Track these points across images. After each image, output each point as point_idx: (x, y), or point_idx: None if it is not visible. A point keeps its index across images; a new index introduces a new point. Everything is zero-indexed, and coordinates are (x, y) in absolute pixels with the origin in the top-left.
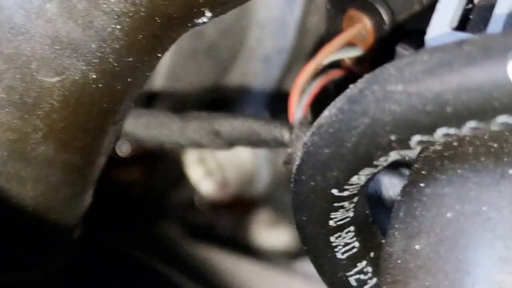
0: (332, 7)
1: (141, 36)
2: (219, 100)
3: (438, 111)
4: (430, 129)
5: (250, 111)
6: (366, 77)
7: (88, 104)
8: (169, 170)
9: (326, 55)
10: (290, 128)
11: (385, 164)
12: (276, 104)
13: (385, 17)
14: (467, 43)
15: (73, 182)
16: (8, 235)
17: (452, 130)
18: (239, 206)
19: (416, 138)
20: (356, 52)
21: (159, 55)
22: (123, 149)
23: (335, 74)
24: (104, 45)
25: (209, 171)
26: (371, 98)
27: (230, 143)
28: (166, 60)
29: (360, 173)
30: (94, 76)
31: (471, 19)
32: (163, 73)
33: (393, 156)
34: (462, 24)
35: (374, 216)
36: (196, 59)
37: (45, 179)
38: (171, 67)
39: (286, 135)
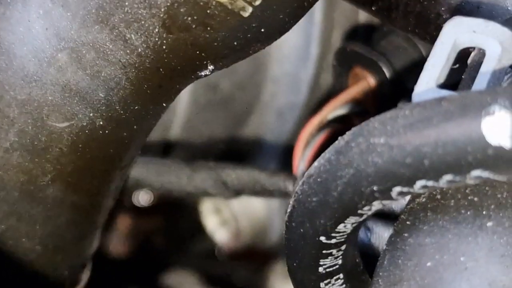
0: (338, 64)
1: (146, 86)
2: (233, 151)
3: (416, 164)
4: (410, 181)
5: (263, 163)
6: (353, 129)
7: (95, 149)
8: (189, 220)
9: (331, 110)
10: (294, 179)
11: (369, 213)
12: (288, 157)
13: (388, 75)
14: (446, 100)
15: (81, 223)
16: (17, 273)
17: (430, 183)
18: (256, 257)
19: (397, 189)
20: (359, 108)
21: (164, 104)
22: (145, 199)
23: (340, 128)
24: (111, 93)
25: (224, 220)
26: (356, 150)
27: (236, 192)
28: (182, 111)
29: (346, 221)
30: (101, 123)
31: (463, 79)
32: (179, 124)
33: (376, 205)
34: (453, 84)
35: (367, 265)
36: (212, 111)
37: (54, 219)
38: (187, 118)
39: (289, 186)
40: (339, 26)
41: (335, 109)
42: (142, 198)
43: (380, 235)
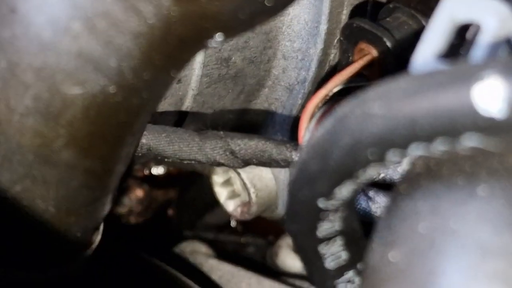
0: (345, 39)
1: (156, 55)
2: (244, 124)
3: (409, 129)
4: (403, 145)
5: (273, 135)
6: (350, 99)
7: (107, 116)
8: (202, 191)
9: (337, 84)
10: (300, 149)
11: (364, 179)
12: (297, 130)
13: (392, 49)
14: (438, 73)
15: (93, 187)
16: (31, 233)
17: (422, 146)
18: (266, 230)
19: (390, 152)
20: (364, 82)
21: (173, 74)
22: (158, 169)
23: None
24: (122, 62)
25: (234, 192)
26: (352, 119)
27: (244, 162)
28: (194, 84)
29: (341, 185)
30: (113, 90)
31: (461, 53)
32: (192, 96)
33: (371, 171)
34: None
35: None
36: (224, 84)
37: (67, 183)
38: (199, 91)
39: (295, 156)
40: (348, 3)
41: (341, 82)
42: (156, 169)
43: (381, 204)
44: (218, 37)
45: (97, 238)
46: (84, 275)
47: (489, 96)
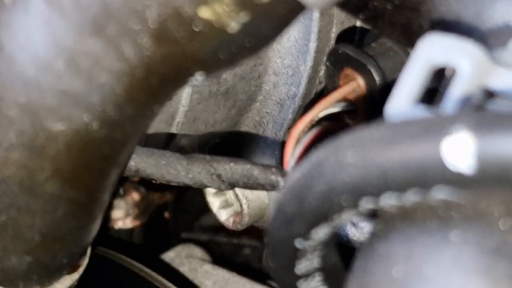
0: (331, 64)
1: (138, 92)
2: (236, 138)
3: (380, 179)
4: (375, 194)
5: (266, 150)
6: (326, 145)
7: (90, 150)
8: (197, 197)
9: (322, 109)
10: (284, 174)
11: (339, 222)
12: None
13: (376, 78)
14: (410, 123)
15: (78, 216)
16: (18, 259)
17: (395, 196)
18: (262, 233)
19: (363, 201)
20: (349, 107)
21: (155, 109)
22: None
23: (330, 126)
24: (105, 99)
25: (227, 202)
26: (327, 165)
27: (230, 185)
28: (184, 100)
29: (318, 228)
30: (96, 126)
31: (438, 95)
32: (182, 112)
33: (346, 216)
34: (430, 96)
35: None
36: (215, 100)
37: (52, 212)
38: (190, 107)
39: (280, 181)
40: (338, 22)
41: (326, 108)
42: None
43: (365, 230)
44: (199, 75)
45: (84, 261)
46: None
47: (458, 151)
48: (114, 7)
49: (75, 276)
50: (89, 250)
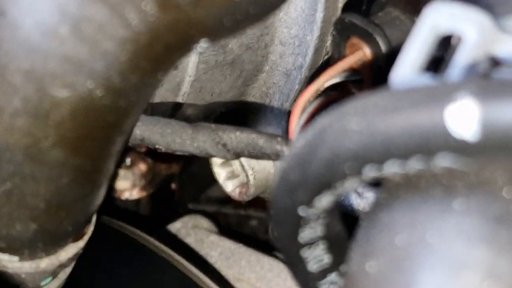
0: (337, 34)
1: (142, 59)
2: (242, 108)
3: (384, 147)
4: (378, 162)
5: (272, 121)
6: (330, 113)
7: (95, 118)
8: (205, 165)
9: (328, 79)
10: (290, 144)
11: (342, 191)
12: None
13: (383, 47)
14: (414, 91)
15: (83, 184)
16: (24, 227)
17: (398, 163)
18: (265, 206)
19: (367, 168)
20: (355, 77)
21: (159, 77)
22: None
23: (336, 95)
24: (109, 66)
25: (233, 173)
26: (330, 133)
27: (236, 154)
28: (191, 70)
29: (321, 196)
30: (100, 93)
31: (443, 63)
32: (188, 81)
33: (349, 183)
34: (436, 64)
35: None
36: (221, 70)
37: (57, 180)
38: (196, 77)
39: (286, 150)
40: None
41: (332, 77)
42: None
43: (369, 200)
44: (204, 42)
45: (90, 229)
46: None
47: (462, 117)
48: None
49: (80, 244)
50: (94, 218)
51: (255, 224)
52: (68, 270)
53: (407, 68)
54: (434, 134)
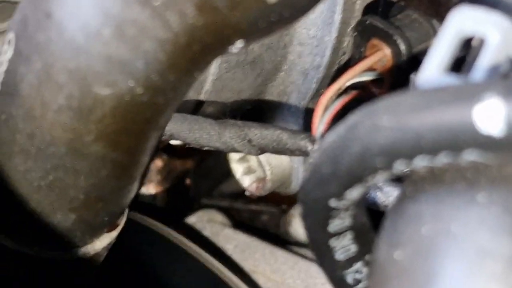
0: (358, 35)
1: (180, 59)
2: (261, 107)
3: (414, 143)
4: (408, 156)
5: (289, 118)
6: (361, 110)
7: (134, 114)
8: (218, 162)
9: (349, 78)
10: (313, 140)
11: (373, 183)
12: (311, 114)
13: (402, 48)
14: (442, 90)
15: (120, 177)
16: (63, 217)
17: (427, 159)
18: (280, 201)
19: (397, 163)
20: (376, 76)
21: (195, 75)
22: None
23: (357, 94)
24: (149, 65)
25: (250, 168)
26: (362, 128)
27: (261, 149)
28: (213, 69)
29: (352, 188)
30: (140, 91)
31: (465, 65)
32: (211, 80)
33: (380, 177)
34: (458, 65)
35: (376, 221)
36: (242, 69)
37: (96, 173)
38: (218, 76)
39: (309, 146)
40: None
41: (353, 77)
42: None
43: (390, 194)
44: (239, 43)
45: (123, 220)
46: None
47: (489, 116)
48: None
49: (114, 234)
50: (126, 210)
51: (267, 219)
52: (101, 259)
53: (433, 69)
54: (463, 131)
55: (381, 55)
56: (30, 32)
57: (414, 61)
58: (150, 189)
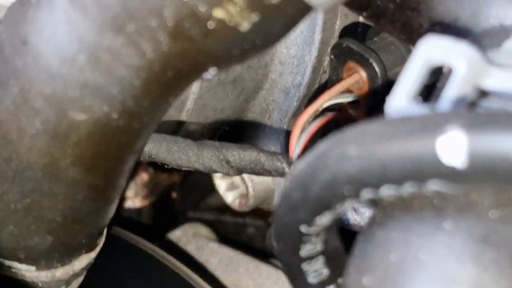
0: (335, 57)
1: (155, 85)
2: (243, 125)
3: (380, 172)
4: (375, 186)
5: (271, 135)
6: (330, 138)
7: (109, 138)
8: (204, 175)
9: (326, 100)
10: (290, 162)
11: (342, 210)
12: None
13: (377, 70)
14: (407, 120)
15: (97, 199)
16: (40, 239)
17: (393, 188)
18: (266, 213)
19: (364, 192)
20: (352, 98)
21: (170, 101)
22: None
23: (334, 116)
24: (124, 91)
25: (233, 184)
26: (331, 157)
27: (239, 170)
28: (195, 88)
29: (322, 215)
30: (115, 116)
31: (434, 92)
32: (192, 99)
33: (348, 204)
34: (429, 91)
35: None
36: (223, 88)
37: (73, 196)
38: (199, 95)
39: (286, 167)
40: (342, 15)
41: (330, 99)
42: None
43: (364, 215)
44: (212, 70)
45: (101, 241)
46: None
47: (451, 147)
48: (133, 6)
49: (92, 254)
50: (105, 231)
51: (253, 232)
52: (80, 279)
53: (402, 97)
54: (426, 161)
55: (357, 78)
56: (6, 57)
57: (390, 83)
58: (136, 202)
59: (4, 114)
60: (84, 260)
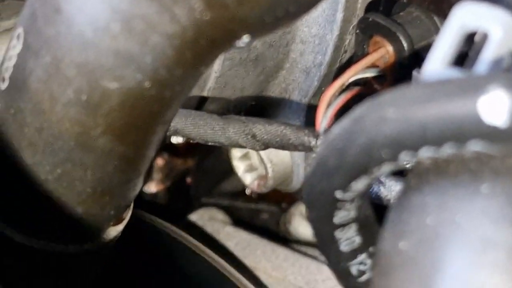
0: (361, 32)
1: (188, 53)
2: (263, 104)
3: (420, 134)
4: (414, 148)
5: (291, 116)
6: (367, 102)
7: (141, 107)
8: (219, 160)
9: (352, 75)
10: (316, 135)
11: (379, 174)
12: (312, 111)
13: (404, 45)
14: (447, 82)
15: (126, 170)
16: (70, 211)
17: (432, 149)
18: (280, 199)
19: (403, 154)
20: (378, 73)
21: (202, 69)
22: (178, 138)
23: (360, 90)
24: (157, 59)
25: (252, 166)
26: (368, 120)
27: (264, 145)
28: (217, 66)
29: (358, 180)
30: (147, 85)
31: (468, 59)
32: (214, 77)
33: (386, 168)
34: (461, 60)
35: (378, 215)
36: (245, 66)
37: (103, 166)
38: (221, 73)
39: (312, 141)
40: None
41: (356, 73)
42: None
43: (392, 189)
44: (246, 38)
45: (128, 214)
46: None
47: (493, 107)
48: None
49: (120, 227)
50: (132, 204)
51: (266, 217)
52: (107, 252)
53: (437, 62)
54: (467, 121)
55: (383, 52)
56: (39, 27)
57: (416, 58)
58: (151, 187)
59: (36, 83)
60: (112, 233)
